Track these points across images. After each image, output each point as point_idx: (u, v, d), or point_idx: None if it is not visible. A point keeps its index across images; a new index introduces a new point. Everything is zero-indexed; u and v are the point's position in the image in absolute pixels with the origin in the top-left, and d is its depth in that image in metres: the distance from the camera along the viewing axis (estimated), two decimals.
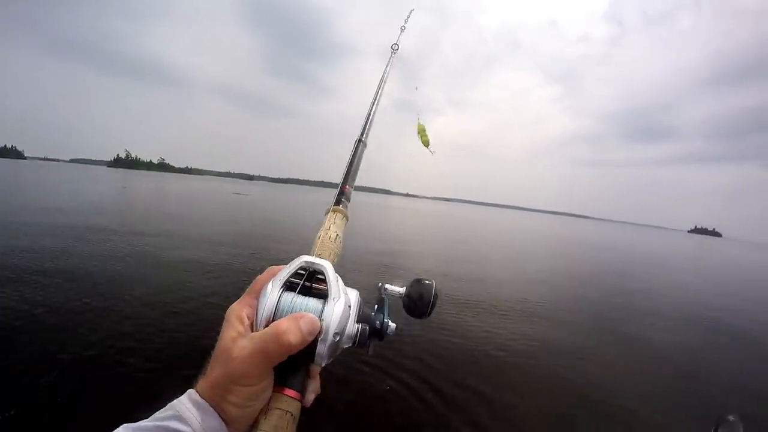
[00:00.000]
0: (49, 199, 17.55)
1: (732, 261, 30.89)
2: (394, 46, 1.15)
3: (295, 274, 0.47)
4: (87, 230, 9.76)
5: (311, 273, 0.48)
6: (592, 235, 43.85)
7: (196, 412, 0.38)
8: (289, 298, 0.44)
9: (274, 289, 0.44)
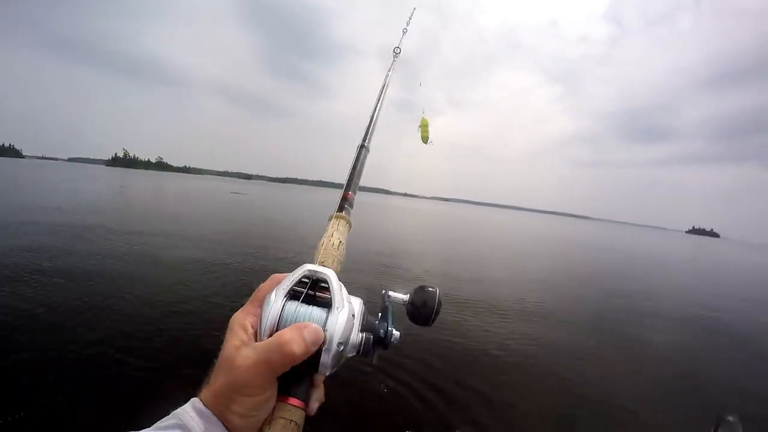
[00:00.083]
0: (48, 198, 17.48)
1: (729, 262, 31.01)
2: (396, 49, 1.11)
3: (299, 283, 0.47)
4: (85, 229, 9.72)
5: (315, 281, 0.48)
6: (591, 236, 43.93)
7: (199, 421, 0.38)
8: (293, 307, 0.44)
9: (278, 298, 0.44)
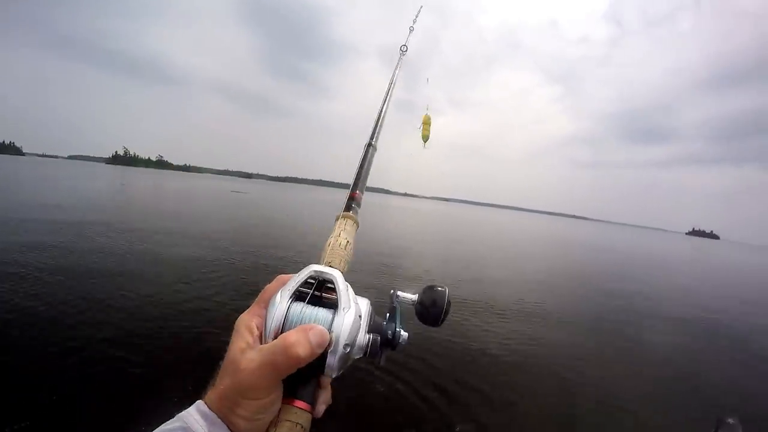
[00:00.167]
0: (48, 196, 17.44)
1: (729, 264, 31.03)
2: (403, 47, 1.10)
3: (305, 283, 0.46)
4: (86, 227, 9.72)
5: (321, 282, 0.48)
6: (591, 237, 43.93)
7: (204, 424, 0.38)
8: (299, 309, 0.43)
9: (283, 300, 0.43)
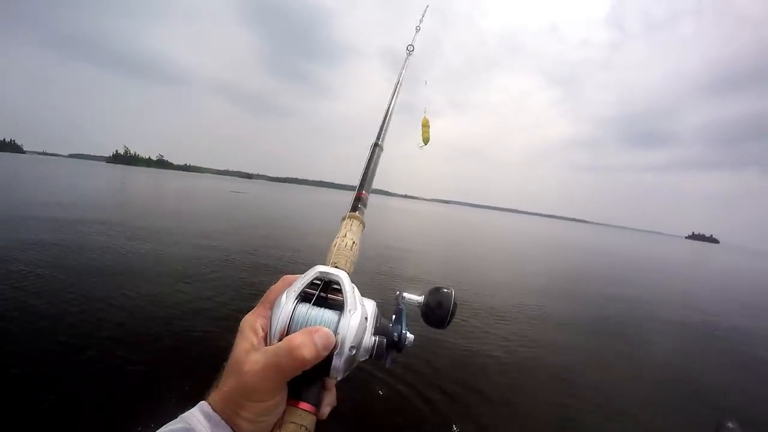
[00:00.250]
0: (49, 194, 17.36)
1: (729, 268, 31.00)
2: (410, 47, 1.09)
3: (311, 284, 0.46)
4: (87, 225, 9.71)
5: (327, 283, 0.47)
6: (591, 240, 43.95)
7: (207, 425, 0.37)
8: (304, 310, 0.43)
9: (289, 301, 0.43)
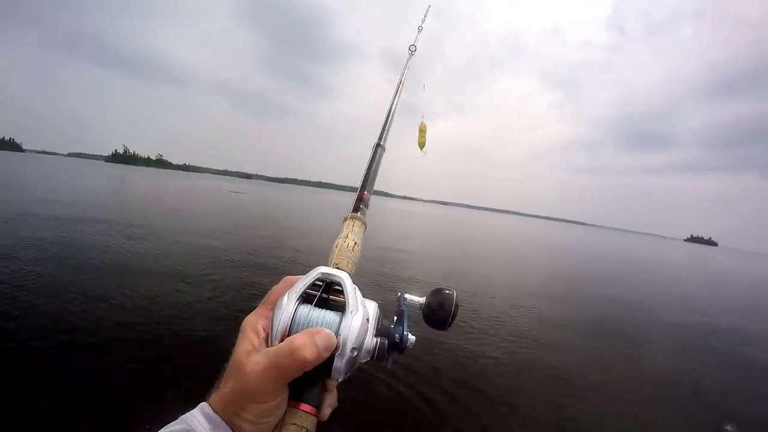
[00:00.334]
0: (48, 192, 17.31)
1: (727, 270, 31.09)
2: (412, 47, 1.09)
3: (312, 285, 0.46)
4: (86, 223, 9.69)
5: (328, 284, 0.47)
6: (590, 242, 44.04)
7: (208, 427, 0.37)
8: (306, 311, 0.43)
9: (290, 302, 0.43)
